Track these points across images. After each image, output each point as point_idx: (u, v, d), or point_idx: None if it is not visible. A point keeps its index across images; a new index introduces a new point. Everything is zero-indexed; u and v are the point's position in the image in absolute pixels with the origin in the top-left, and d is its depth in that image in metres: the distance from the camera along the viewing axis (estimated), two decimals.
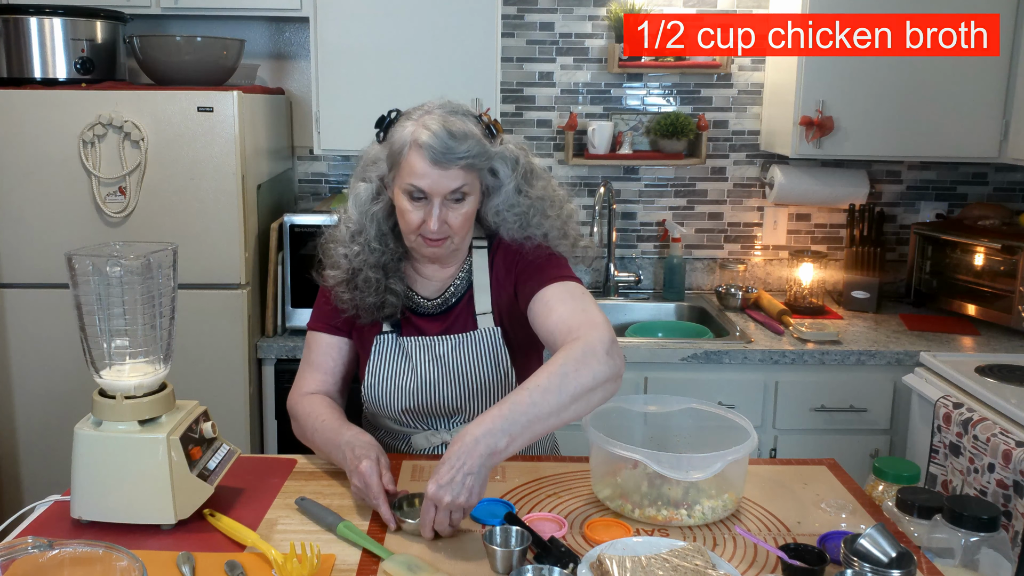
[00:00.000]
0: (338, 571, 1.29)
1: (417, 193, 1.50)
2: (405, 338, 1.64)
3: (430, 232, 1.51)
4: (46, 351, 2.54)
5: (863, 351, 2.61)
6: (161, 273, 1.40)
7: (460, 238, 1.57)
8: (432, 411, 1.66)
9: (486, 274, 1.64)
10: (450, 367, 1.62)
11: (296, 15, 2.76)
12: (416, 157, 1.48)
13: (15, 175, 2.47)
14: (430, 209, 1.50)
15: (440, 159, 1.46)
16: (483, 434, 1.32)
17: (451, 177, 1.48)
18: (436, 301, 1.65)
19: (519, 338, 1.63)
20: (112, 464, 1.36)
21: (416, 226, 1.52)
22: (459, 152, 1.46)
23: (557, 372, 1.36)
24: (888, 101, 2.80)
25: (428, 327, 1.65)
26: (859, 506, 1.51)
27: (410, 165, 1.48)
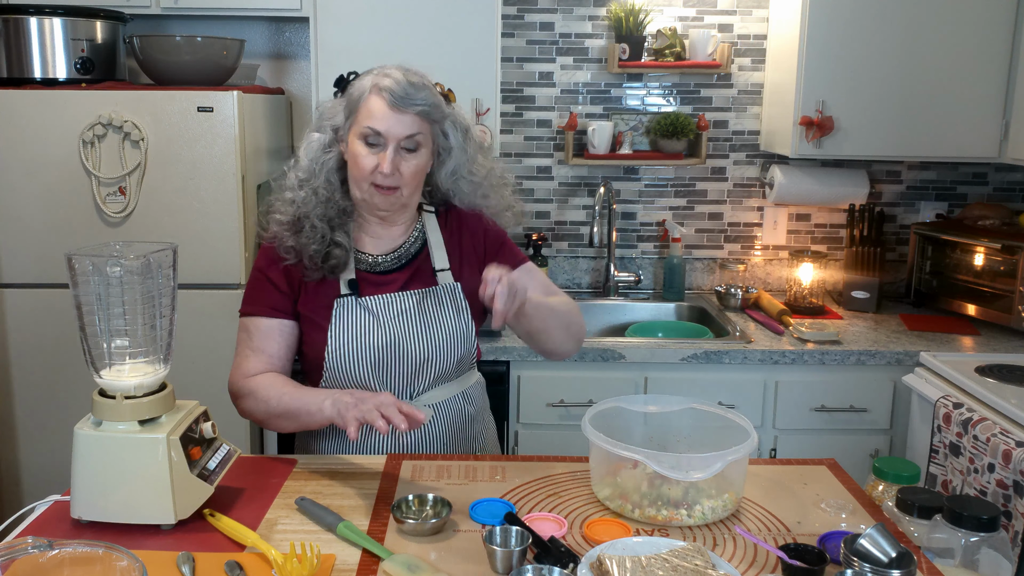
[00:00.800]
0: (338, 571, 1.29)
1: (373, 137, 1.55)
2: (366, 297, 1.65)
3: (382, 177, 1.56)
4: (46, 351, 2.54)
5: (863, 351, 2.61)
6: (161, 273, 1.40)
7: (409, 191, 1.61)
8: (398, 367, 1.66)
9: (439, 234, 1.70)
10: (416, 320, 1.65)
11: (296, 15, 2.76)
12: (376, 100, 1.55)
13: (15, 175, 2.47)
14: (384, 155, 1.55)
15: (398, 103, 1.54)
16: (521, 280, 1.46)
17: (407, 123, 1.55)
18: (391, 256, 1.68)
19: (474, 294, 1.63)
20: (112, 464, 1.36)
21: (369, 171, 1.56)
22: (417, 99, 1.55)
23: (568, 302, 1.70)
24: (888, 101, 2.81)
25: (387, 284, 1.67)
26: (859, 506, 1.51)
27: (368, 109, 1.55)
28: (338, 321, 1.64)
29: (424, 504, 1.45)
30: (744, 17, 3.14)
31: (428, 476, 1.59)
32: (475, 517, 1.43)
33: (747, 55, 3.16)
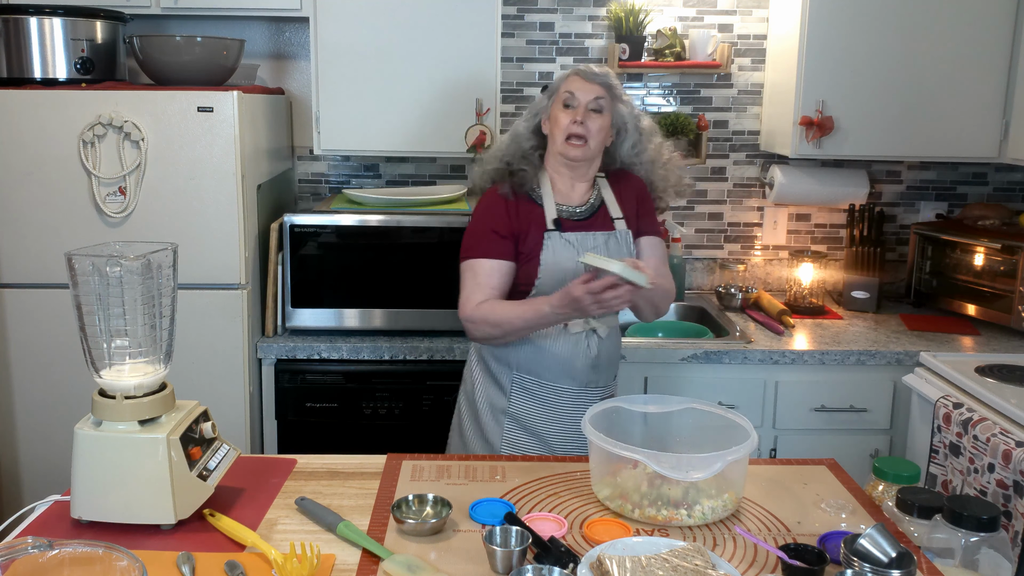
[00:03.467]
0: (338, 571, 1.29)
1: (569, 99, 2.00)
2: (568, 233, 2.02)
3: (575, 126, 1.98)
4: (46, 351, 2.54)
5: (863, 351, 2.61)
6: (161, 273, 1.40)
7: (595, 144, 2.01)
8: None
9: (611, 192, 2.11)
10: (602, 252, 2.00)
11: (296, 15, 2.76)
12: (573, 78, 2.04)
13: (15, 175, 2.47)
14: (579, 110, 1.99)
15: (588, 76, 2.02)
16: None
17: (594, 89, 2.00)
18: (583, 208, 2.07)
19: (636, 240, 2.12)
20: (112, 464, 1.36)
21: (567, 124, 1.99)
22: (600, 75, 2.03)
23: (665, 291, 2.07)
24: (888, 101, 2.81)
25: (581, 227, 2.05)
26: (859, 506, 1.51)
27: (567, 84, 2.03)
28: (547, 251, 2.00)
29: (424, 504, 1.45)
30: (744, 17, 3.14)
31: (428, 476, 1.60)
32: (475, 517, 1.43)
33: (747, 55, 3.16)
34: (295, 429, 2.70)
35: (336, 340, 2.66)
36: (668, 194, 2.22)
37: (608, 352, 2.07)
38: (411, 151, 2.86)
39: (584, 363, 2.02)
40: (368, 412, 2.65)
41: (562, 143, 2.00)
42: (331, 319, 2.71)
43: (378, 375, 2.65)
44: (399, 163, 3.19)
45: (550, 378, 2.02)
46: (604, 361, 2.05)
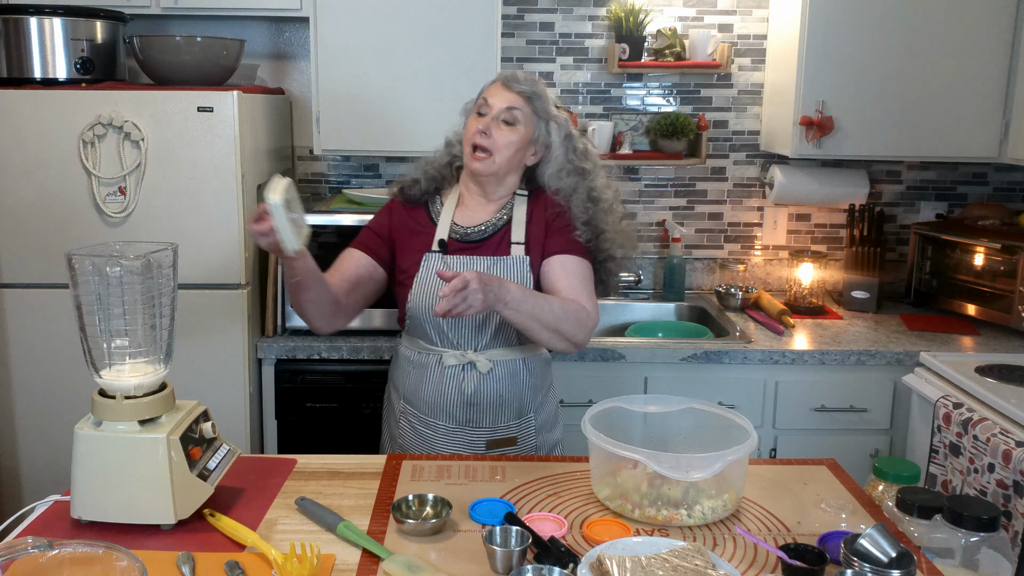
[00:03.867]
0: (338, 571, 1.29)
1: (483, 107, 1.84)
2: (450, 256, 1.88)
3: (479, 137, 1.81)
4: (46, 351, 2.54)
5: (863, 351, 2.61)
6: (161, 273, 1.40)
7: (501, 159, 1.84)
8: (461, 323, 1.85)
9: (524, 211, 1.91)
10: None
11: (296, 15, 2.76)
12: (493, 83, 1.88)
13: (15, 175, 2.47)
14: (484, 120, 1.82)
15: (506, 82, 1.85)
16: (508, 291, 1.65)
17: (509, 98, 1.83)
18: (478, 228, 1.90)
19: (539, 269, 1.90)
20: (112, 464, 1.36)
21: (471, 133, 1.83)
22: (523, 83, 1.85)
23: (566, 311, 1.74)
24: (888, 101, 2.81)
25: (470, 250, 1.89)
26: (859, 506, 1.51)
27: (486, 90, 1.88)
28: (422, 272, 1.87)
29: (424, 504, 1.45)
30: (744, 17, 3.14)
31: (428, 476, 1.60)
32: (475, 517, 1.43)
33: (747, 55, 3.16)
34: (295, 429, 2.70)
35: (336, 340, 2.66)
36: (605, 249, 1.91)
37: (494, 392, 1.86)
38: (411, 151, 2.86)
39: (457, 400, 1.85)
40: (368, 412, 2.65)
41: (467, 155, 1.85)
42: None
43: (378, 375, 2.65)
44: (399, 163, 3.19)
45: (424, 411, 1.89)
46: (486, 400, 1.85)
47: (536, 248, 1.87)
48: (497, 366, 1.86)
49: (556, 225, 1.87)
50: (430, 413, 1.88)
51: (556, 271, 1.84)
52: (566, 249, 1.86)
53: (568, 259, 1.85)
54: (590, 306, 1.80)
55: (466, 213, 1.92)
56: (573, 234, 1.87)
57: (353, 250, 1.94)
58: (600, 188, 1.90)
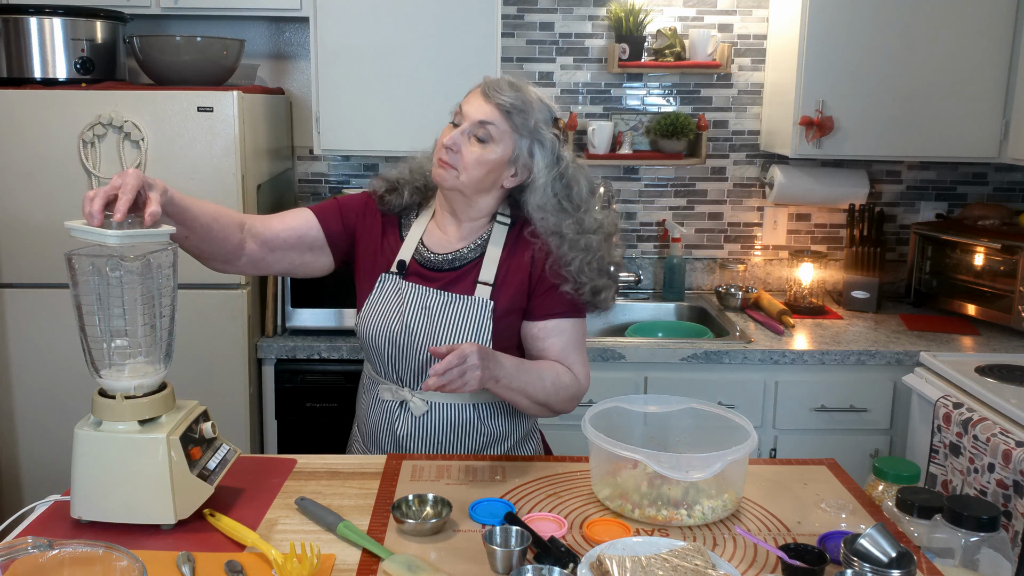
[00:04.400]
0: (338, 571, 1.29)
1: (458, 116, 1.63)
2: (405, 282, 1.70)
3: (443, 151, 1.62)
4: (46, 351, 2.54)
5: (863, 351, 2.61)
6: (161, 273, 1.40)
7: (467, 178, 1.62)
8: (407, 353, 1.68)
9: (499, 249, 1.70)
10: (435, 319, 1.67)
11: (296, 15, 2.76)
12: (474, 91, 1.66)
13: (15, 175, 2.47)
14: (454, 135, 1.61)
15: (487, 91, 1.62)
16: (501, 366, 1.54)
17: (485, 110, 1.60)
18: (445, 256, 1.71)
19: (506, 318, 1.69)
20: (112, 464, 1.36)
21: (441, 143, 1.63)
22: (505, 94, 1.60)
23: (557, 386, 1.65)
24: (888, 101, 2.81)
25: (430, 280, 1.70)
26: (859, 506, 1.51)
27: (467, 97, 1.65)
28: (376, 292, 1.71)
29: (424, 504, 1.45)
30: (744, 17, 3.14)
31: (428, 476, 1.59)
32: (475, 517, 1.43)
33: (747, 55, 3.16)
34: (295, 429, 2.70)
35: (336, 340, 2.66)
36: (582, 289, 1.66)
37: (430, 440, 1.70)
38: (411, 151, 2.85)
39: (388, 438, 1.73)
40: None
41: (433, 164, 1.65)
42: (331, 319, 2.71)
43: None
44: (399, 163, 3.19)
45: (364, 440, 1.80)
46: (422, 445, 1.71)
47: (506, 294, 1.67)
48: (436, 409, 1.69)
49: (545, 284, 1.67)
50: (367, 445, 1.78)
51: (550, 337, 1.68)
52: (559, 312, 1.68)
53: (561, 323, 1.68)
54: (583, 375, 1.69)
55: (436, 235, 1.73)
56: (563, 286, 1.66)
57: (308, 211, 1.74)
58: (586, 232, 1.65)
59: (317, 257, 1.75)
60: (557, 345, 1.68)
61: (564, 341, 1.69)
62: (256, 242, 1.67)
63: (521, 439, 1.81)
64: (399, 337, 1.67)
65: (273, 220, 1.71)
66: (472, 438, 1.73)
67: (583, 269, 1.65)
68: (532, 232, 1.68)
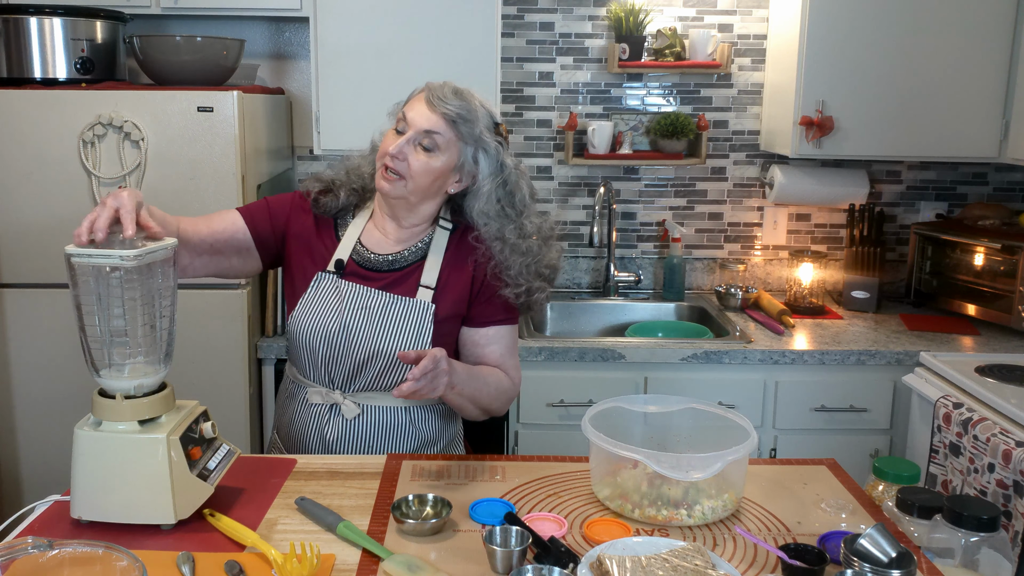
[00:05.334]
0: (338, 571, 1.29)
1: (401, 124, 1.62)
2: (344, 281, 1.68)
3: (389, 159, 1.60)
4: (46, 351, 2.54)
5: (863, 351, 2.61)
6: (161, 273, 1.40)
7: (414, 186, 1.63)
8: (344, 354, 1.67)
9: (441, 253, 1.71)
10: (376, 319, 1.66)
11: (296, 15, 2.76)
12: (416, 97, 1.64)
13: (15, 175, 2.47)
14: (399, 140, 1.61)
15: (432, 100, 1.60)
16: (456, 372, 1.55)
17: (431, 120, 1.60)
18: (386, 257, 1.70)
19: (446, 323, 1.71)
20: (112, 464, 1.36)
21: (383, 152, 1.62)
22: (450, 103, 1.60)
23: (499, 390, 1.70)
24: (888, 101, 2.81)
25: (370, 280, 1.69)
26: (859, 506, 1.51)
27: (411, 102, 1.64)
28: (311, 291, 1.69)
29: (424, 504, 1.45)
30: (744, 17, 3.14)
31: (428, 476, 1.59)
32: (475, 517, 1.43)
33: (747, 55, 3.16)
34: None
35: None
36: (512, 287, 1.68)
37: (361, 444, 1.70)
38: None
39: (317, 445, 1.71)
40: None
41: (377, 172, 1.64)
42: None
43: None
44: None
45: (288, 447, 1.77)
46: (352, 447, 1.70)
47: (448, 299, 1.68)
48: (368, 413, 1.69)
49: (487, 292, 1.69)
50: (291, 449, 1.75)
51: (490, 344, 1.71)
52: (499, 319, 1.72)
53: (501, 330, 1.72)
54: (517, 379, 1.75)
55: (374, 235, 1.72)
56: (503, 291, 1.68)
57: (235, 213, 1.72)
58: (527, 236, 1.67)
59: (245, 260, 1.74)
60: (497, 352, 1.72)
61: (503, 347, 1.73)
62: (184, 247, 1.63)
63: (449, 442, 1.82)
64: (336, 336, 1.66)
65: (199, 223, 1.68)
66: (403, 441, 1.73)
67: (522, 272, 1.67)
68: (476, 238, 1.69)
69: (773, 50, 3.08)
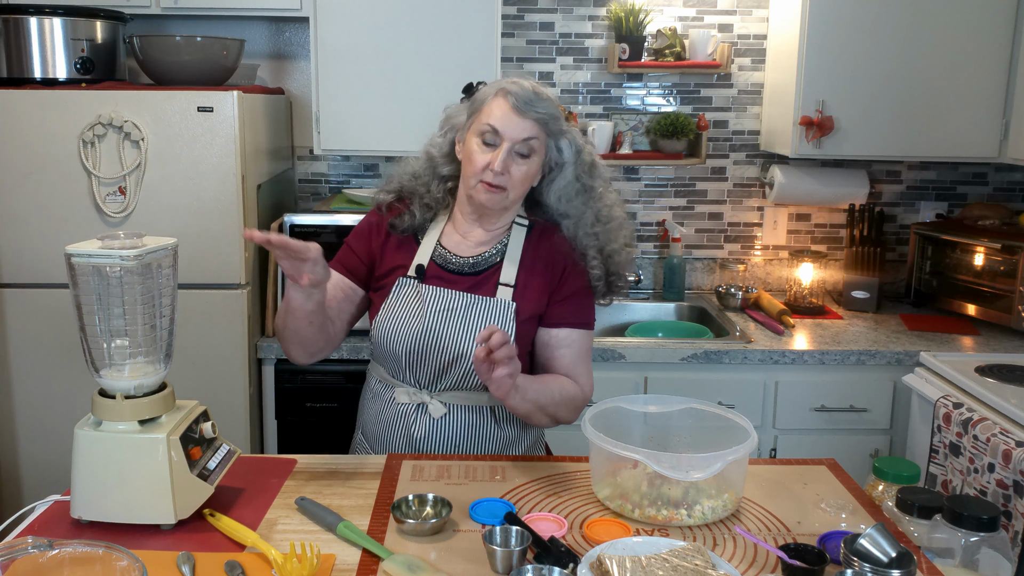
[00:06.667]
0: (338, 571, 1.29)
1: (490, 136, 1.61)
2: (425, 285, 1.70)
3: (492, 175, 1.60)
4: (46, 351, 2.54)
5: (863, 351, 2.61)
6: (161, 273, 1.40)
7: (515, 194, 1.65)
8: (428, 357, 1.68)
9: (519, 250, 1.72)
10: (458, 321, 1.67)
11: (296, 15, 2.76)
12: (499, 102, 1.62)
13: (15, 175, 2.47)
14: (497, 153, 1.60)
15: (521, 107, 1.60)
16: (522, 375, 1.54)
17: (525, 127, 1.60)
18: (467, 260, 1.72)
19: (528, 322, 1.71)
20: (112, 464, 1.36)
21: (481, 168, 1.61)
22: (539, 107, 1.61)
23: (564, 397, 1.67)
24: (888, 101, 2.81)
25: (452, 283, 1.70)
26: (859, 506, 1.51)
27: (491, 109, 1.62)
28: (392, 296, 1.70)
29: (424, 504, 1.45)
30: (744, 17, 3.14)
31: (428, 476, 1.59)
32: (475, 517, 1.43)
33: (747, 55, 3.16)
34: (295, 429, 2.70)
35: None
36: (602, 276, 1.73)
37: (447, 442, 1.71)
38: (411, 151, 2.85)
39: (403, 444, 1.72)
40: None
41: (475, 184, 1.63)
42: None
43: None
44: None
45: (372, 445, 1.78)
46: (438, 447, 1.72)
47: (528, 298, 1.69)
48: (454, 412, 1.70)
49: (568, 288, 1.71)
50: (376, 450, 1.77)
51: (562, 347, 1.71)
52: (574, 322, 1.72)
53: (573, 334, 1.72)
54: (588, 386, 1.73)
55: (454, 238, 1.74)
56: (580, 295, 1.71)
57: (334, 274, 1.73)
58: (610, 207, 1.73)
59: (359, 305, 1.79)
60: (568, 356, 1.71)
61: (574, 353, 1.72)
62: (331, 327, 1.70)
63: (532, 444, 1.83)
64: (419, 340, 1.67)
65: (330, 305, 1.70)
66: (486, 442, 1.74)
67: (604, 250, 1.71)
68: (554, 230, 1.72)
69: (773, 50, 3.08)
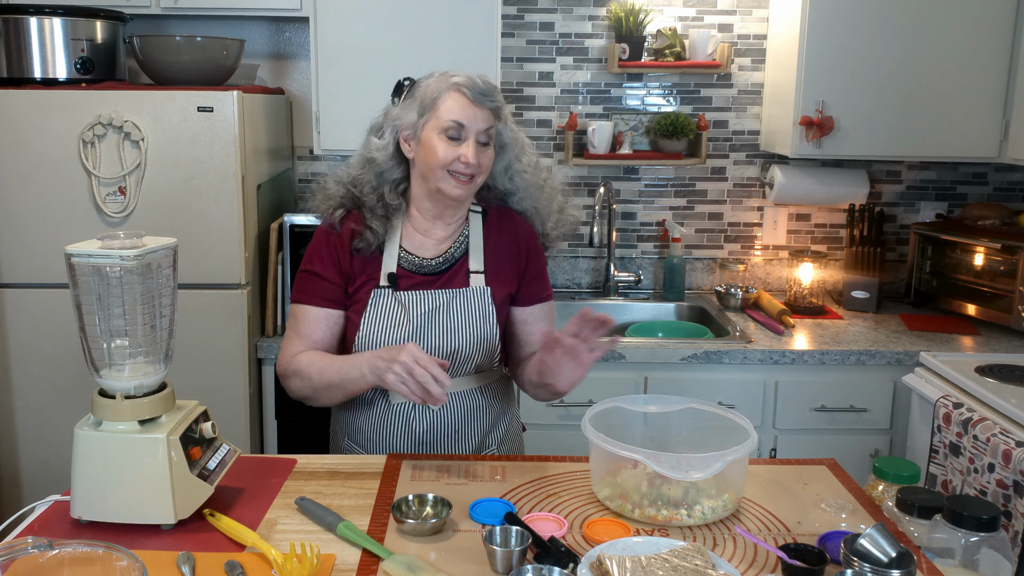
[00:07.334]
0: (338, 571, 1.29)
1: (455, 131, 1.64)
2: (402, 292, 1.72)
3: (464, 167, 1.64)
4: (46, 351, 2.54)
5: (863, 351, 2.61)
6: (161, 273, 1.40)
7: (481, 180, 1.70)
8: None
9: (480, 237, 1.77)
10: (443, 317, 1.71)
11: (296, 15, 2.76)
12: (456, 96, 1.65)
13: (15, 175, 2.47)
14: (466, 146, 1.64)
15: (478, 98, 1.65)
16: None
17: (485, 117, 1.66)
18: (437, 260, 1.75)
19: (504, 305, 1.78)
20: (112, 464, 1.36)
21: (449, 161, 1.64)
22: (492, 97, 1.67)
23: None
24: (888, 101, 2.81)
25: (426, 284, 1.74)
26: (859, 506, 1.51)
27: (449, 105, 1.65)
28: (371, 309, 1.71)
29: (424, 504, 1.45)
30: (744, 17, 3.14)
31: (428, 476, 1.59)
32: (475, 517, 1.43)
33: (747, 55, 3.16)
34: (295, 429, 2.70)
35: None
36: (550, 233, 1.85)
37: (450, 429, 1.75)
38: None
39: (406, 440, 1.74)
40: None
41: (442, 175, 1.65)
42: None
43: None
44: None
45: (372, 451, 1.78)
46: (440, 439, 1.75)
47: (500, 281, 1.75)
48: (452, 400, 1.73)
49: (535, 267, 1.80)
50: (378, 451, 1.77)
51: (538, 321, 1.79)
52: (544, 296, 1.82)
53: (546, 307, 1.82)
54: None
55: (416, 238, 1.76)
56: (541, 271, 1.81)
57: (312, 310, 1.73)
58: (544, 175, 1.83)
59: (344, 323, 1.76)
60: (544, 327, 1.79)
61: (548, 322, 1.82)
62: None
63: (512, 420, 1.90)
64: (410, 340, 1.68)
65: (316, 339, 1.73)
66: (483, 422, 1.79)
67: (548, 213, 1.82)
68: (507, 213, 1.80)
69: (773, 50, 3.08)
